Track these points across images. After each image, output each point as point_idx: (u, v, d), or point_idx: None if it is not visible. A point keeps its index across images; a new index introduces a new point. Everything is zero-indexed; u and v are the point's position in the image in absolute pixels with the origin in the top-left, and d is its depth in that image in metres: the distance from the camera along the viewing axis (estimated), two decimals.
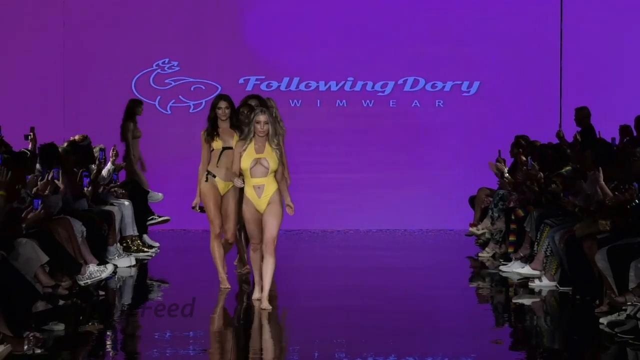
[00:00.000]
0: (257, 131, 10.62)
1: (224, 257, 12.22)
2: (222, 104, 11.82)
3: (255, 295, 11.13)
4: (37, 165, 12.95)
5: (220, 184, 11.89)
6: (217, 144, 11.83)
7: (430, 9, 17.53)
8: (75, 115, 16.34)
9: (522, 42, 17.50)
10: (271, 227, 10.72)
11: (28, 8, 17.17)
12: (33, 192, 11.23)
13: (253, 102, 12.50)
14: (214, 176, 11.86)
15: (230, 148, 11.62)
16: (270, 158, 10.66)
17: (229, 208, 11.95)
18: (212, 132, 11.83)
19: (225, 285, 12.08)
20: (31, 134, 13.46)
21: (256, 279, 11.11)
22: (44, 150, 13.08)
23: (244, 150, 10.68)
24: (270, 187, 10.73)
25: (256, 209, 10.75)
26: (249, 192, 10.77)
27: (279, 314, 10.90)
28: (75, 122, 15.99)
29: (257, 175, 10.67)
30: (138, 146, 16.18)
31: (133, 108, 16.19)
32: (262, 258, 10.87)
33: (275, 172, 10.75)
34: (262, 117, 10.67)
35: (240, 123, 11.92)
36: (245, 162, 10.66)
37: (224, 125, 11.84)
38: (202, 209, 12.04)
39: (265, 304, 10.77)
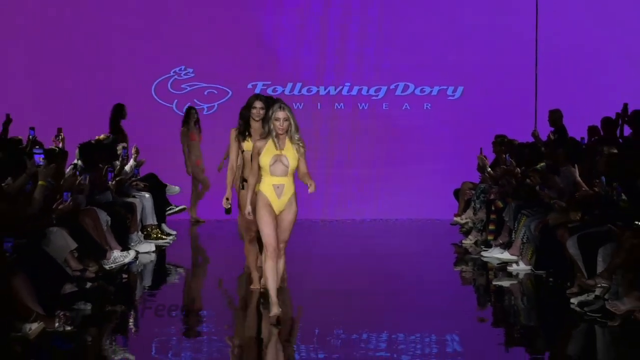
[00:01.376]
0: (277, 128, 9.04)
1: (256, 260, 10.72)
2: (258, 104, 10.42)
3: (274, 311, 9.09)
4: (78, 162, 12.98)
5: None
6: (248, 145, 10.31)
7: (419, 22, 17.50)
8: (100, 116, 16.28)
9: (500, 52, 17.47)
10: (286, 231, 9.29)
11: (59, 20, 17.11)
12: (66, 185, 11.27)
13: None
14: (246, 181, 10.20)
15: None
16: (290, 155, 9.07)
17: None
18: (244, 131, 10.50)
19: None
20: (61, 134, 13.45)
21: (272, 296, 9.13)
22: (83, 148, 13.16)
23: (264, 147, 9.07)
24: (289, 188, 9.18)
25: (273, 210, 9.15)
26: (267, 191, 9.14)
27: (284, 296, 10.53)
28: (100, 123, 15.93)
29: (277, 173, 9.09)
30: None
31: (189, 116, 16.60)
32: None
33: (295, 170, 9.16)
34: (281, 114, 9.05)
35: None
36: (265, 159, 9.05)
37: (256, 126, 10.36)
38: (229, 210, 10.54)
39: (275, 308, 9.11)
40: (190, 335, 9.35)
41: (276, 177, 9.09)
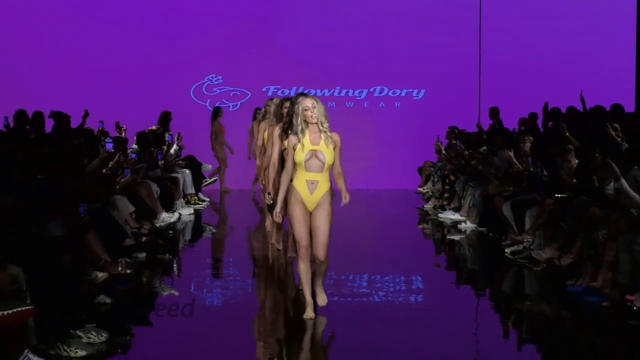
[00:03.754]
0: (308, 117, 6.88)
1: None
2: (309, 102, 7.43)
3: (309, 314, 6.97)
4: (135, 146, 12.97)
5: None
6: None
7: (391, 41, 17.39)
8: (152, 112, 16.27)
9: (451, 62, 17.35)
10: (322, 235, 6.92)
11: (123, 40, 17.03)
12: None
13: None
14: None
15: None
16: (327, 152, 6.89)
17: None
18: (288, 129, 7.85)
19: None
20: (124, 127, 13.44)
21: (307, 297, 7.01)
22: (139, 136, 13.18)
23: (298, 142, 6.88)
24: (324, 184, 6.95)
25: (305, 207, 6.95)
26: (300, 187, 6.92)
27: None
28: (149, 116, 15.90)
29: (313, 169, 6.90)
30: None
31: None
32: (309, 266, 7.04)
33: (331, 167, 6.99)
34: (308, 101, 6.92)
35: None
36: (300, 155, 6.86)
37: None
38: (271, 205, 8.08)
39: (323, 297, 7.22)
40: (219, 276, 9.37)
41: (311, 172, 6.92)
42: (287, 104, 8.01)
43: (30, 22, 16.76)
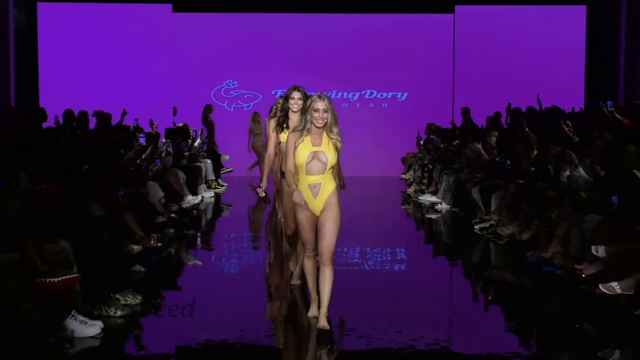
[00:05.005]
0: (315, 119, 5.45)
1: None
2: (296, 95, 6.57)
3: (313, 312, 5.84)
4: (165, 140, 12.95)
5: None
6: (284, 137, 6.44)
7: (379, 52, 17.31)
8: (178, 110, 16.22)
9: (429, 70, 17.25)
10: (329, 236, 5.48)
11: (150, 50, 16.96)
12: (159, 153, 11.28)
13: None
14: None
15: None
16: (329, 152, 5.51)
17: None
18: (283, 122, 6.61)
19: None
20: (156, 124, 13.40)
21: (312, 293, 5.86)
22: (168, 131, 13.23)
23: (300, 142, 5.49)
24: (327, 186, 5.50)
25: (311, 211, 5.54)
26: (303, 192, 5.49)
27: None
28: (177, 115, 15.85)
29: (314, 172, 5.47)
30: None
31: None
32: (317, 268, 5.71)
33: (332, 168, 5.57)
34: (320, 104, 5.49)
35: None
36: (301, 157, 5.45)
37: (294, 118, 6.53)
38: (267, 198, 6.75)
39: (324, 323, 5.52)
40: (237, 249, 9.35)
41: (312, 176, 5.47)
42: (296, 94, 6.54)
43: (76, 37, 16.67)
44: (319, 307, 5.65)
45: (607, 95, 14.35)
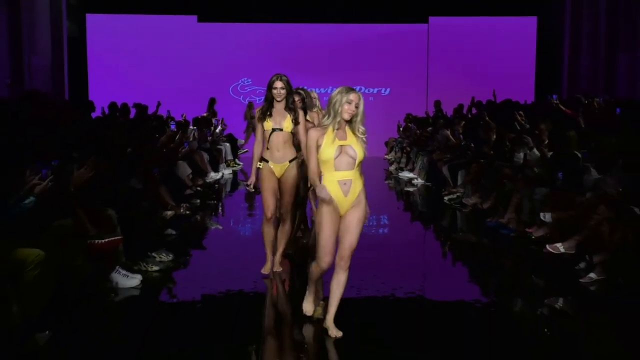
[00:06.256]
0: (345, 112, 4.26)
1: (273, 240, 5.79)
2: (278, 84, 5.50)
3: (307, 308, 4.53)
4: (192, 127, 12.86)
5: (277, 168, 5.61)
6: (268, 125, 5.49)
7: (367, 55, 17.18)
8: (203, 103, 16.11)
9: (408, 70, 17.14)
10: (352, 237, 4.23)
11: (180, 53, 16.80)
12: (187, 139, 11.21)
13: (300, 94, 6.21)
14: (267, 161, 5.60)
15: (281, 130, 5.49)
16: (357, 146, 4.31)
17: (286, 186, 5.64)
18: (266, 111, 5.51)
19: (267, 270, 5.67)
20: (184, 113, 13.30)
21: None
22: (195, 120, 13.15)
23: (322, 137, 4.22)
24: (357, 183, 4.33)
25: (338, 212, 4.23)
26: (333, 190, 4.22)
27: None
28: (202, 106, 15.74)
29: (343, 167, 4.25)
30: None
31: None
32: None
33: (361, 164, 4.37)
34: (354, 96, 4.30)
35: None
36: (329, 152, 4.19)
37: (278, 106, 5.51)
38: (257, 189, 5.74)
39: (336, 332, 4.21)
40: (252, 215, 9.33)
41: (341, 171, 4.25)
42: (278, 84, 5.50)
43: (118, 42, 16.55)
44: (317, 306, 4.48)
45: (553, 90, 14.29)
